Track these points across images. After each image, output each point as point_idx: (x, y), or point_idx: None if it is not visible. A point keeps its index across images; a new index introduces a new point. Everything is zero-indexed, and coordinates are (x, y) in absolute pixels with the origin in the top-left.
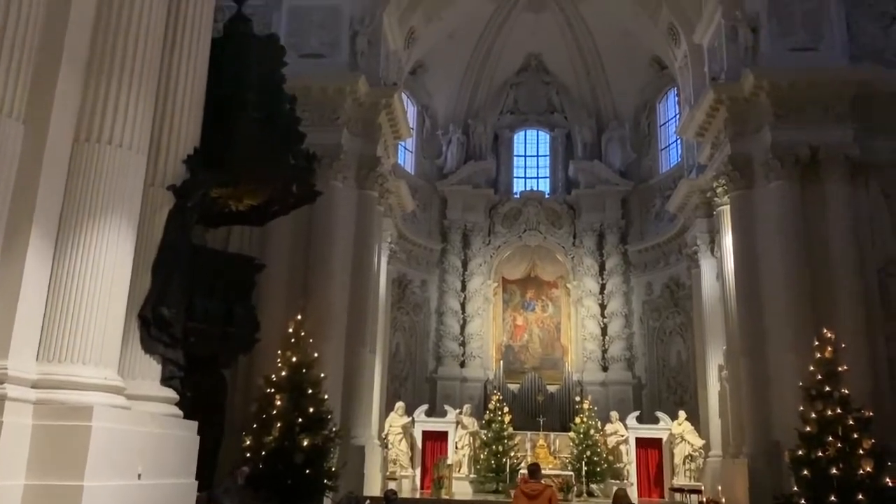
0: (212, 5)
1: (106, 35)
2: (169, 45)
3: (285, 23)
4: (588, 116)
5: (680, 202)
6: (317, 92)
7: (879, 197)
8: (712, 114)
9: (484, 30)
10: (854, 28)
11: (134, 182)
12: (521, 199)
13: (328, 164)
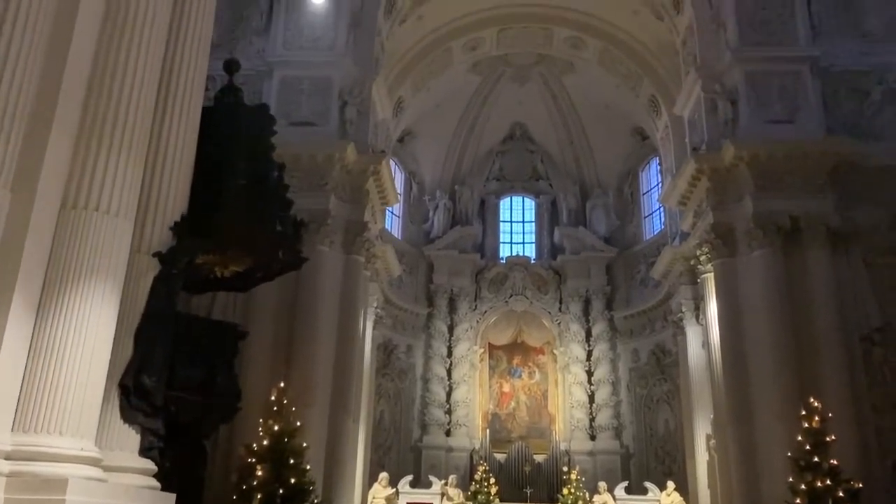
0: (203, 75)
1: (98, 103)
2: (160, 113)
3: (276, 92)
4: (572, 184)
5: (664, 269)
6: (306, 159)
7: (860, 265)
8: (694, 183)
9: (470, 100)
10: (830, 102)
11: (120, 249)
12: (507, 265)
13: (315, 230)
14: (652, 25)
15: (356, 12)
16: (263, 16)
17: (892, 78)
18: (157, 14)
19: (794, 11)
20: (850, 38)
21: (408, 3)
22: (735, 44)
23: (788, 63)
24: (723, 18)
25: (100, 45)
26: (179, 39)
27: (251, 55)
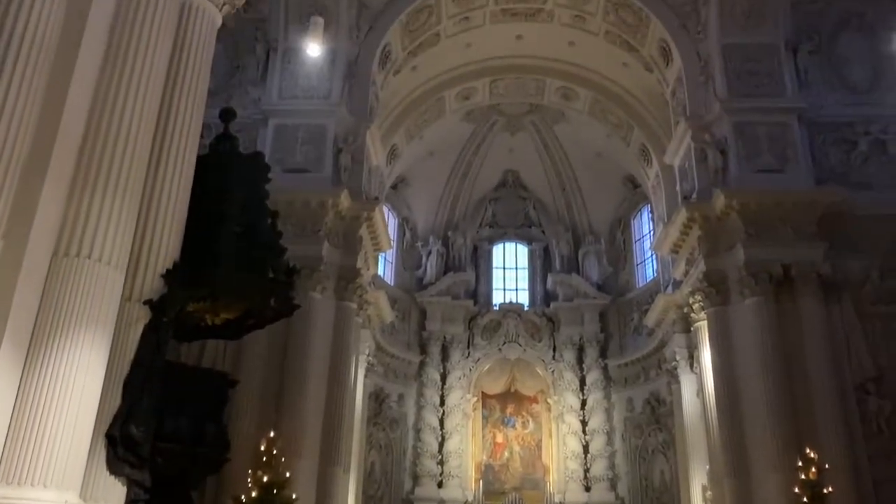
0: (199, 124)
1: (93, 152)
2: (155, 160)
3: (271, 139)
4: (565, 231)
5: (657, 317)
6: (299, 205)
7: (853, 315)
8: (685, 231)
9: (463, 148)
10: (818, 152)
11: (111, 297)
12: (500, 311)
13: (308, 276)
14: (641, 77)
15: (351, 63)
16: (260, 65)
17: (877, 129)
18: (154, 65)
19: (781, 63)
20: (835, 90)
21: (402, 55)
22: (723, 95)
23: (776, 114)
24: (711, 70)
25: (97, 95)
26: (176, 89)
27: (247, 104)
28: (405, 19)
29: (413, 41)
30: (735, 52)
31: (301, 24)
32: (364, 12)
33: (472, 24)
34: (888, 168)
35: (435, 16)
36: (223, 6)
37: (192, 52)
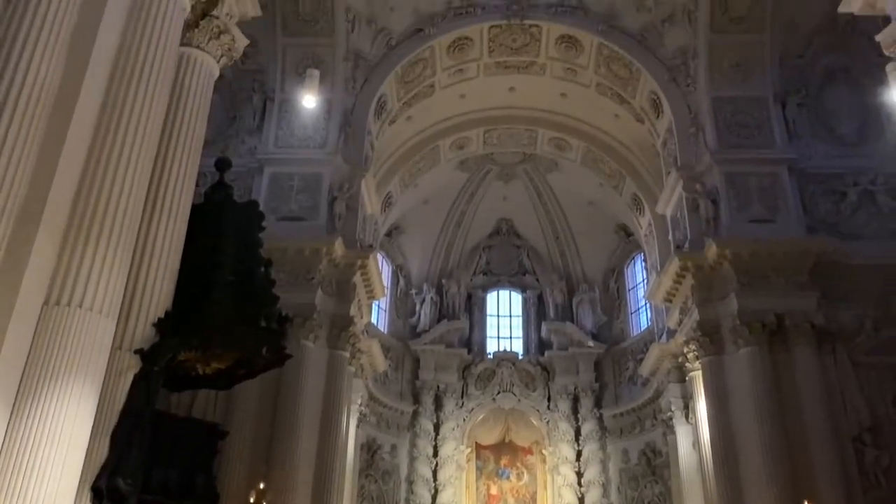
0: (194, 173)
1: (88, 200)
2: (149, 209)
3: (266, 187)
4: (559, 279)
5: (652, 366)
6: (293, 253)
7: (847, 365)
8: (678, 280)
9: (457, 196)
10: (808, 202)
11: (101, 346)
12: (494, 360)
13: (300, 324)
14: (633, 128)
15: (347, 113)
16: (256, 115)
17: (866, 180)
18: (151, 115)
19: (770, 116)
20: (824, 142)
21: (398, 105)
22: (714, 146)
23: (766, 165)
24: (701, 122)
25: (93, 144)
26: (172, 138)
27: (243, 153)
28: (401, 71)
29: (408, 92)
30: (724, 105)
31: (298, 75)
32: (360, 64)
33: (467, 76)
34: (877, 218)
35: (430, 68)
36: (221, 58)
37: (189, 103)
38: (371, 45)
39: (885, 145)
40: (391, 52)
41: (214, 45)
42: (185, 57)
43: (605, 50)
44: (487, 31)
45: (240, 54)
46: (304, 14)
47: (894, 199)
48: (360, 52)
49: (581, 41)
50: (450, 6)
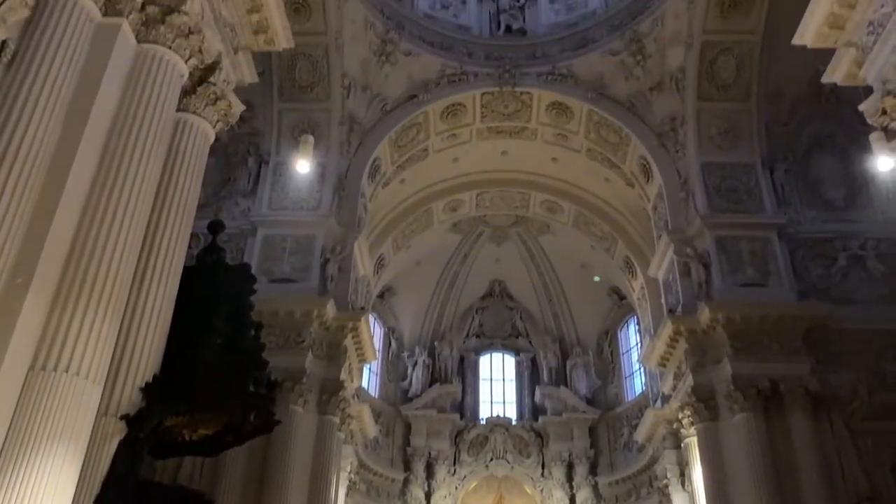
0: (187, 237)
1: (79, 264)
2: (140, 272)
3: (258, 249)
4: (552, 342)
5: (647, 432)
6: (284, 316)
7: (844, 432)
8: (672, 345)
9: (450, 258)
10: (799, 267)
11: (86, 411)
12: (487, 426)
13: (290, 388)
14: (623, 192)
15: (341, 176)
16: (251, 177)
17: (855, 245)
18: (146, 179)
19: (759, 181)
20: (812, 207)
21: (391, 168)
22: (704, 210)
23: (756, 229)
24: (691, 187)
25: (87, 207)
26: (166, 201)
27: (236, 215)
28: (395, 135)
29: (402, 155)
30: (714, 170)
31: (293, 138)
32: (355, 128)
33: (460, 140)
34: (868, 283)
35: (423, 132)
36: (217, 123)
37: (184, 167)
38: (366, 110)
39: (873, 211)
40: (386, 117)
41: (211, 111)
42: (182, 122)
43: (595, 116)
44: (480, 98)
45: (236, 119)
46: (301, 80)
47: (884, 264)
48: (356, 116)
49: (571, 108)
50: (443, 74)
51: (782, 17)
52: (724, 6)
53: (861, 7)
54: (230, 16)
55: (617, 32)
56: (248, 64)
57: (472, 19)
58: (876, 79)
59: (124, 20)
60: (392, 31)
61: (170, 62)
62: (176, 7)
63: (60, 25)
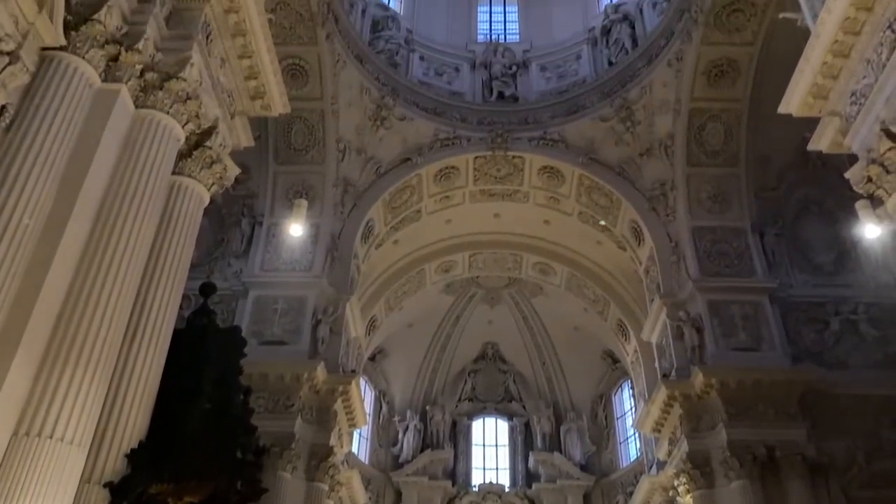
0: (178, 298)
1: (68, 327)
2: (130, 335)
3: (249, 311)
4: (546, 406)
5: (643, 500)
6: (274, 379)
7: (842, 499)
8: (666, 410)
9: (443, 319)
10: (791, 331)
11: (69, 479)
12: (479, 493)
13: (278, 454)
14: (615, 255)
15: (335, 237)
16: (244, 239)
17: (847, 309)
18: (139, 242)
19: (749, 245)
20: (803, 271)
21: (385, 229)
22: (696, 275)
23: (748, 293)
24: (682, 251)
25: (79, 269)
26: (159, 263)
27: (229, 275)
28: (388, 197)
29: (395, 217)
30: (704, 234)
31: (287, 200)
32: (349, 190)
33: (453, 202)
34: (861, 348)
35: (417, 194)
36: (212, 186)
37: (177, 229)
38: (360, 172)
39: (863, 275)
40: (380, 180)
41: (206, 174)
42: (177, 185)
43: (586, 180)
44: (473, 161)
45: (231, 182)
46: (296, 143)
47: (876, 329)
48: (350, 179)
49: (562, 171)
50: (436, 138)
51: (768, 86)
52: (711, 75)
53: (843, 78)
54: (228, 82)
55: (607, 99)
56: (245, 128)
57: (466, 86)
58: (860, 147)
59: (123, 86)
60: (387, 96)
61: (167, 127)
62: (175, 74)
63: (60, 91)
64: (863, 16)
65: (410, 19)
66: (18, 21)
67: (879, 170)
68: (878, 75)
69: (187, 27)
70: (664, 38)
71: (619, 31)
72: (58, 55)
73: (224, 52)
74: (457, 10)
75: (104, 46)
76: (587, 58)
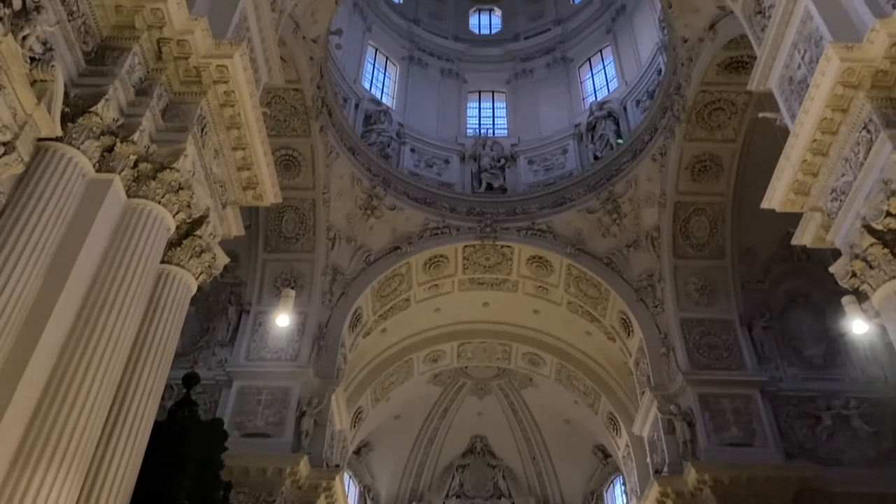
0: (161, 388)
1: (45, 419)
2: (109, 427)
3: (233, 401)
4: (535, 503)
5: None
6: (255, 473)
7: None
8: None
9: (430, 411)
10: (784, 426)
11: None
12: None
13: None
14: (605, 345)
15: (322, 326)
16: (230, 327)
17: (838, 404)
18: (123, 332)
19: (738, 337)
20: (793, 365)
21: (373, 318)
22: (685, 367)
23: (738, 387)
24: (671, 342)
25: (60, 360)
26: (143, 353)
27: (213, 365)
28: (377, 285)
29: (384, 305)
30: (693, 326)
31: (275, 288)
32: (338, 279)
33: (441, 290)
34: (855, 443)
35: (406, 283)
36: (200, 275)
37: (163, 319)
38: (350, 260)
39: (853, 369)
40: (369, 268)
41: (195, 263)
42: (165, 274)
43: (575, 270)
44: (462, 250)
45: (220, 271)
46: (287, 231)
47: (869, 424)
48: (339, 267)
49: (551, 261)
50: (426, 227)
51: (751, 180)
52: (695, 170)
53: (823, 175)
54: (221, 172)
55: (593, 192)
56: (236, 217)
57: (455, 177)
58: (843, 243)
59: (116, 176)
60: (378, 186)
61: (158, 216)
62: (168, 164)
63: (53, 181)
64: (839, 116)
65: (402, 113)
66: (17, 112)
67: (863, 265)
68: (857, 173)
69: (183, 119)
70: (648, 134)
71: (603, 127)
72: (53, 146)
73: (218, 144)
74: (447, 106)
75: (100, 137)
76: (573, 152)
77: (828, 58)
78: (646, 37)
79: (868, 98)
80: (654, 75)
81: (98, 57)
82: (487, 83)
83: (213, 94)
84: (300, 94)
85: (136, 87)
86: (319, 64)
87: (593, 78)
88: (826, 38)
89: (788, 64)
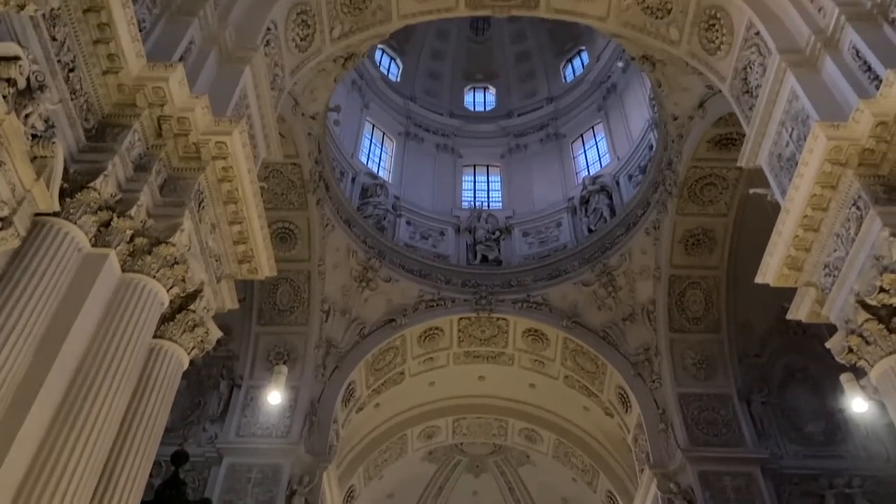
0: (149, 466)
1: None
2: None
3: (222, 479)
4: None
5: None
6: None
7: None
8: None
9: (424, 490)
10: None
11: None
12: None
13: None
14: (602, 421)
15: (314, 401)
16: (221, 401)
17: (842, 483)
18: (112, 410)
19: (737, 413)
20: (793, 441)
21: (366, 392)
22: (685, 444)
23: (738, 464)
24: (669, 418)
25: (47, 437)
26: (132, 430)
27: (203, 441)
28: (371, 359)
29: (378, 379)
30: (691, 401)
31: (268, 361)
32: (332, 352)
33: (436, 364)
34: None
35: (400, 356)
36: (193, 350)
37: (154, 394)
38: (344, 333)
39: (854, 446)
40: (363, 341)
41: (188, 338)
42: (157, 349)
43: (571, 343)
44: (457, 322)
45: (212, 346)
46: (281, 304)
47: (873, 503)
48: (333, 340)
49: (547, 335)
50: (421, 299)
51: (744, 254)
52: (688, 244)
53: (815, 250)
54: (217, 246)
55: (587, 265)
56: (230, 291)
57: (450, 249)
58: (838, 318)
59: (112, 251)
60: (374, 258)
61: (152, 291)
62: (164, 239)
63: (48, 255)
64: (828, 193)
65: (399, 186)
66: (15, 188)
67: (859, 340)
68: (849, 249)
69: (181, 194)
70: (641, 209)
71: (597, 201)
72: (50, 220)
73: (215, 218)
74: (443, 179)
75: (97, 212)
76: (567, 225)
77: (815, 136)
78: (636, 114)
79: (856, 175)
80: (645, 151)
81: (98, 133)
82: (482, 157)
83: (211, 169)
84: (298, 168)
85: (135, 162)
86: (317, 139)
87: (586, 153)
88: (812, 117)
89: (777, 141)
